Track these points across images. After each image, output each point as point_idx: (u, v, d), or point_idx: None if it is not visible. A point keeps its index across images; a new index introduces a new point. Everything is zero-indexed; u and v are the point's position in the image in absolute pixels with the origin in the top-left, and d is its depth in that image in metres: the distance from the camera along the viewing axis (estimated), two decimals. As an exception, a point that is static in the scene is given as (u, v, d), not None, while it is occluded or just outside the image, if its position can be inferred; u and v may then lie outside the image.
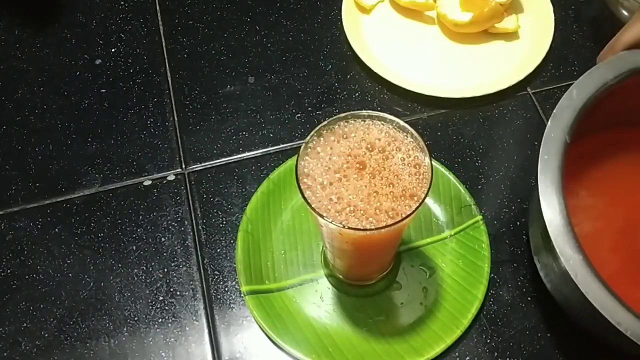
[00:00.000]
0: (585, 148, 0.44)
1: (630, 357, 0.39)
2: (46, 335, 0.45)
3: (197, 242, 0.48)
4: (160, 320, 0.45)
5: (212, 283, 0.46)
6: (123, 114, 0.54)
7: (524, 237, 0.47)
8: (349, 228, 0.31)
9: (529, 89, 0.55)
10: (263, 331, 0.43)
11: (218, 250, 0.47)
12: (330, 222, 0.31)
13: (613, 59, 0.40)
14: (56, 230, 0.49)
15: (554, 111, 0.38)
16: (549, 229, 0.35)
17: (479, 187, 0.50)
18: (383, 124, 0.34)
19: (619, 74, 0.39)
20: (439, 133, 0.53)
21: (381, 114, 0.34)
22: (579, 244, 0.34)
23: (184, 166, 0.52)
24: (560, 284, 0.39)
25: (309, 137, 0.34)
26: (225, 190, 0.50)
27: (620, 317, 0.33)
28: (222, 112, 0.54)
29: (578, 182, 0.45)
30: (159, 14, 0.61)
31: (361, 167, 0.33)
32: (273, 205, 0.48)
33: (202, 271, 0.47)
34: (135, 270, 0.47)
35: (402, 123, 0.34)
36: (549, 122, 0.37)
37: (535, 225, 0.41)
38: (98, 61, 0.58)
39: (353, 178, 0.33)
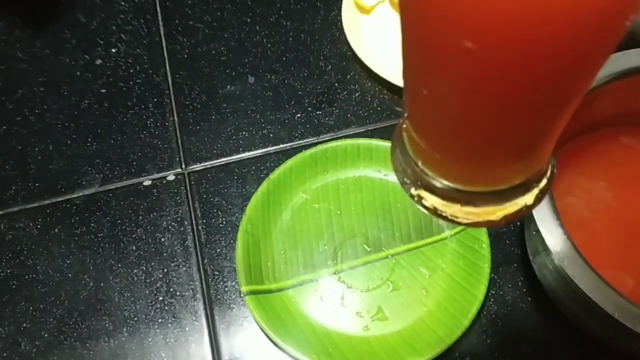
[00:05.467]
0: (574, 148, 0.44)
1: (629, 358, 0.39)
2: (46, 335, 0.45)
3: (197, 242, 0.48)
4: (160, 320, 0.45)
5: (212, 283, 0.46)
6: (123, 114, 0.54)
7: (524, 237, 0.47)
8: None
9: (529, 89, 0.55)
10: (263, 331, 0.43)
11: (218, 251, 0.47)
12: None
13: None
14: (56, 230, 0.49)
15: None
16: (537, 222, 0.35)
17: (479, 187, 0.50)
18: None
19: (603, 76, 0.39)
20: (439, 133, 0.53)
21: None
22: (567, 234, 0.34)
23: (184, 166, 0.52)
24: (553, 280, 0.39)
25: None
26: (225, 190, 0.50)
27: (606, 299, 0.33)
28: (222, 112, 0.54)
29: (568, 181, 0.45)
30: (159, 14, 0.61)
31: None
32: (273, 205, 0.48)
33: (202, 271, 0.47)
34: (135, 271, 0.47)
35: None
36: None
37: (528, 227, 0.41)
38: (98, 61, 0.58)
39: None
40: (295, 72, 0.56)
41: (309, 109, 0.54)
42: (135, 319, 0.45)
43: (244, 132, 0.53)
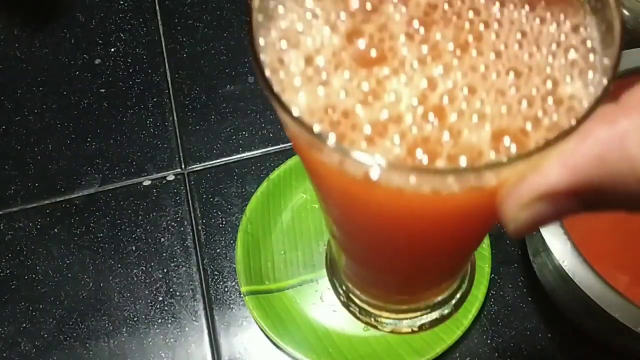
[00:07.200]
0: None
1: (629, 358, 0.39)
2: (45, 335, 0.45)
3: (197, 243, 0.48)
4: (159, 320, 0.45)
5: (212, 283, 0.46)
6: (122, 114, 0.54)
7: (524, 237, 0.47)
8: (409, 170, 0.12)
9: (529, 89, 0.55)
10: (263, 332, 0.43)
11: (218, 251, 0.47)
12: (355, 159, 0.13)
13: None
14: (55, 230, 0.49)
15: None
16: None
17: (479, 187, 0.50)
18: None
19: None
20: (439, 133, 0.53)
21: None
22: (568, 234, 0.34)
23: (183, 166, 0.52)
24: (553, 280, 0.39)
25: None
26: (225, 190, 0.50)
27: (609, 301, 0.33)
28: (221, 112, 0.54)
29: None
30: (158, 13, 0.60)
31: (427, 21, 0.14)
32: (273, 205, 0.48)
33: (201, 271, 0.47)
34: (135, 271, 0.47)
35: None
36: None
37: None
38: (97, 61, 0.58)
39: (411, 54, 0.14)
40: (295, 71, 0.56)
41: (309, 108, 0.54)
42: (135, 319, 0.45)
43: (243, 132, 0.53)
